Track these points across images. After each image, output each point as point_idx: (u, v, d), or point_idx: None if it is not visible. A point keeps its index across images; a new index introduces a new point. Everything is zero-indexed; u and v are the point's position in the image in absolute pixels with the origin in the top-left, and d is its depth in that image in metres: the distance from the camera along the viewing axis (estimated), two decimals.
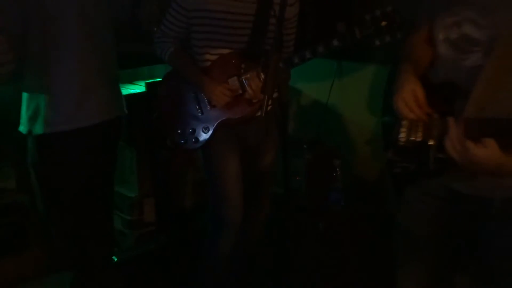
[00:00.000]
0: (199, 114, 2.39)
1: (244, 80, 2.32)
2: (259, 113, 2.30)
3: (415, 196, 1.76)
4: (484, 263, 1.70)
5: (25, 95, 2.21)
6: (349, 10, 3.09)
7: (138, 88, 3.16)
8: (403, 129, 1.68)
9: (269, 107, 2.22)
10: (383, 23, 2.02)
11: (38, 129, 2.13)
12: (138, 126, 2.96)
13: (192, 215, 3.28)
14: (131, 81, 3.24)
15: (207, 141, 2.40)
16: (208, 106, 2.37)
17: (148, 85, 3.01)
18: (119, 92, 2.39)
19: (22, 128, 2.22)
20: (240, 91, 2.33)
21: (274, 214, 2.56)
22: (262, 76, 2.28)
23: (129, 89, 3.10)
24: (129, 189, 3.14)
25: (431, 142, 1.56)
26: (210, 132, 2.38)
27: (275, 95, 2.29)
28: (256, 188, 2.53)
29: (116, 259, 2.79)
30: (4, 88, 2.67)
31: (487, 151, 1.39)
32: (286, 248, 2.60)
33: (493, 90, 1.46)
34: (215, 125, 2.37)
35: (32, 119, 2.16)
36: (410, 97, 1.61)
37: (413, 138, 1.65)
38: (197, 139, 2.40)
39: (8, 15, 2.00)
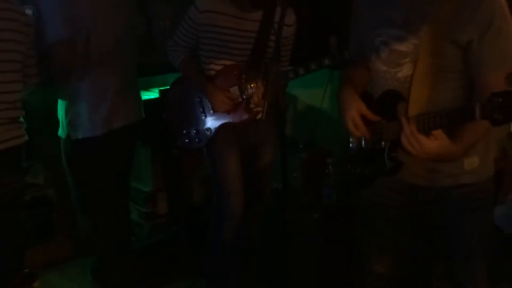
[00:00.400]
0: (203, 117, 2.50)
1: (244, 89, 2.45)
2: (259, 116, 2.41)
3: (374, 192, 1.83)
4: (447, 247, 1.79)
5: (63, 103, 2.36)
6: (340, 25, 3.00)
7: (152, 94, 3.24)
8: (353, 139, 1.80)
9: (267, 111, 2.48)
10: None
11: (78, 135, 2.30)
12: (152, 127, 2.98)
13: (200, 207, 3.32)
14: (146, 88, 3.31)
15: (211, 142, 2.49)
16: (211, 110, 2.49)
17: (161, 92, 3.12)
18: (140, 98, 2.55)
19: (61, 133, 2.38)
20: (240, 99, 2.45)
21: (273, 206, 2.67)
22: (262, 86, 2.38)
23: (144, 95, 3.11)
24: (144, 184, 3.26)
25: (382, 145, 1.67)
26: (212, 133, 2.48)
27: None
28: (257, 184, 2.62)
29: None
30: (34, 94, 2.90)
31: (438, 142, 1.50)
32: (284, 237, 2.75)
33: (426, 90, 1.58)
34: (216, 127, 2.48)
35: (71, 125, 2.31)
36: (356, 115, 1.70)
37: (365, 146, 1.75)
38: (200, 139, 2.51)
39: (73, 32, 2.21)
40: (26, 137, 2.15)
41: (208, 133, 2.51)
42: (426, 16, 1.58)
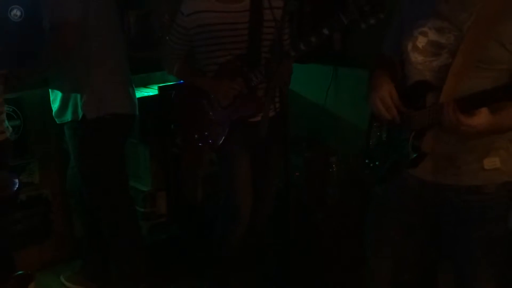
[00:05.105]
0: (213, 117, 2.47)
1: (248, 80, 2.38)
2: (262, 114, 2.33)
3: (386, 192, 1.83)
4: (457, 254, 1.77)
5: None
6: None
7: (151, 91, 3.22)
8: (374, 133, 1.80)
9: (274, 110, 2.40)
10: (366, 7, 2.06)
11: (95, 114, 2.41)
12: (151, 125, 3.06)
13: (201, 207, 3.30)
14: (145, 85, 3.29)
15: (222, 142, 2.47)
16: (219, 108, 2.45)
17: (160, 89, 3.09)
18: (135, 94, 2.62)
19: (71, 116, 2.45)
20: (246, 91, 2.40)
21: (275, 207, 2.68)
22: (264, 72, 2.34)
23: (143, 92, 3.16)
24: (142, 184, 3.22)
25: (409, 135, 1.66)
26: (225, 132, 2.45)
27: (277, 99, 2.46)
28: (262, 184, 2.61)
29: None
30: (32, 91, 2.81)
31: (479, 117, 1.50)
32: (286, 237, 2.67)
33: (461, 82, 1.58)
34: (228, 126, 2.45)
35: (87, 105, 2.40)
36: (387, 97, 1.70)
37: (387, 137, 1.76)
38: (213, 140, 2.48)
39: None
40: (8, 135, 2.15)
41: (220, 132, 2.48)
42: (474, 9, 1.58)
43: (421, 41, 1.68)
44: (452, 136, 1.63)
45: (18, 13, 2.45)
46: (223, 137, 2.46)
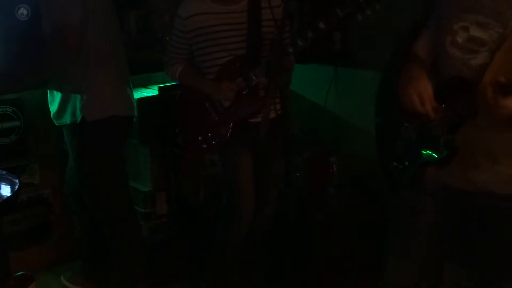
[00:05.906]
0: (216, 118, 2.47)
1: (248, 79, 2.39)
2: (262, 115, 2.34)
3: (411, 195, 1.78)
4: (482, 259, 1.72)
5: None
6: (344, 22, 3.18)
7: (151, 91, 3.21)
8: (404, 134, 1.75)
9: (275, 112, 2.41)
10: None
11: (94, 115, 2.40)
12: (151, 126, 3.05)
13: (201, 208, 3.31)
14: (145, 85, 3.28)
15: (224, 143, 2.48)
16: (222, 109, 2.46)
17: (160, 89, 3.08)
18: (133, 95, 2.63)
19: (70, 119, 2.45)
20: (247, 90, 2.41)
21: (276, 207, 2.67)
22: (264, 71, 2.34)
23: (143, 93, 3.15)
24: (143, 184, 3.20)
25: (440, 131, 1.62)
26: (228, 133, 2.46)
27: (277, 100, 2.46)
28: (263, 185, 2.61)
29: None
30: (32, 92, 2.82)
31: None
32: (286, 237, 2.67)
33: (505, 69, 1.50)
34: (230, 126, 2.46)
35: (85, 108, 2.40)
36: (425, 91, 1.63)
37: (416, 136, 1.71)
38: (217, 142, 2.49)
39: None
40: None
41: (224, 133, 2.48)
42: None
43: (461, 36, 1.61)
44: (484, 133, 1.57)
45: (25, 12, 2.44)
46: (226, 138, 2.47)
